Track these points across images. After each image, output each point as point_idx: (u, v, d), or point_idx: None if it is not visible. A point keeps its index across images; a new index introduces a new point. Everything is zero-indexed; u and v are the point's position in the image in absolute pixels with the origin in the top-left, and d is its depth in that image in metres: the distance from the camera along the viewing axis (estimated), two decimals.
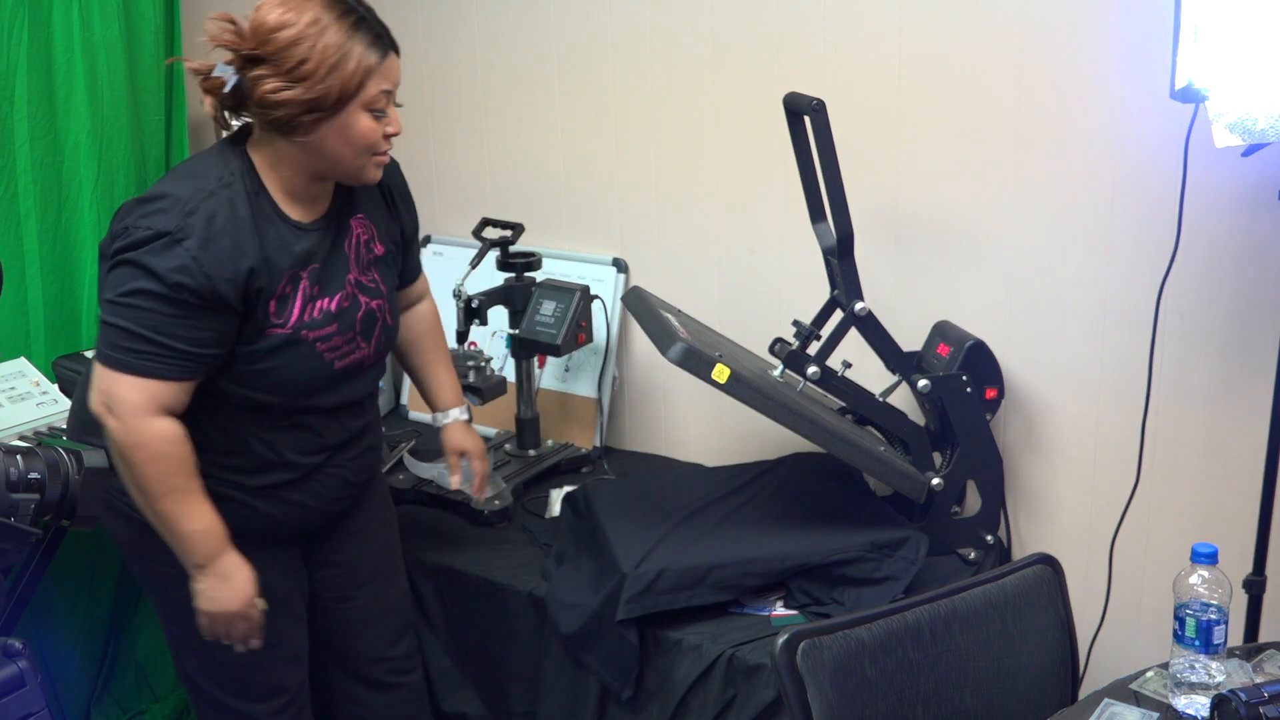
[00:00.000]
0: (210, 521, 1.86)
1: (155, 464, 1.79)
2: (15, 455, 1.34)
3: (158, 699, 2.79)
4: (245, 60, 1.76)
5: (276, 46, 1.74)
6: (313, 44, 1.74)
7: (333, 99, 1.77)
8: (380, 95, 1.82)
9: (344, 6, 1.79)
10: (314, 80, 1.75)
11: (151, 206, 1.75)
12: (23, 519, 1.32)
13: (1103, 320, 2.30)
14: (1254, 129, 1.78)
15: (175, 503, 1.81)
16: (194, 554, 1.86)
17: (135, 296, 1.73)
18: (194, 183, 1.78)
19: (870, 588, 2.10)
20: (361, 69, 1.78)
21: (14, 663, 1.28)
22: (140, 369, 1.76)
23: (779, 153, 2.36)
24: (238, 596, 1.89)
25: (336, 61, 1.76)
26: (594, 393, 2.85)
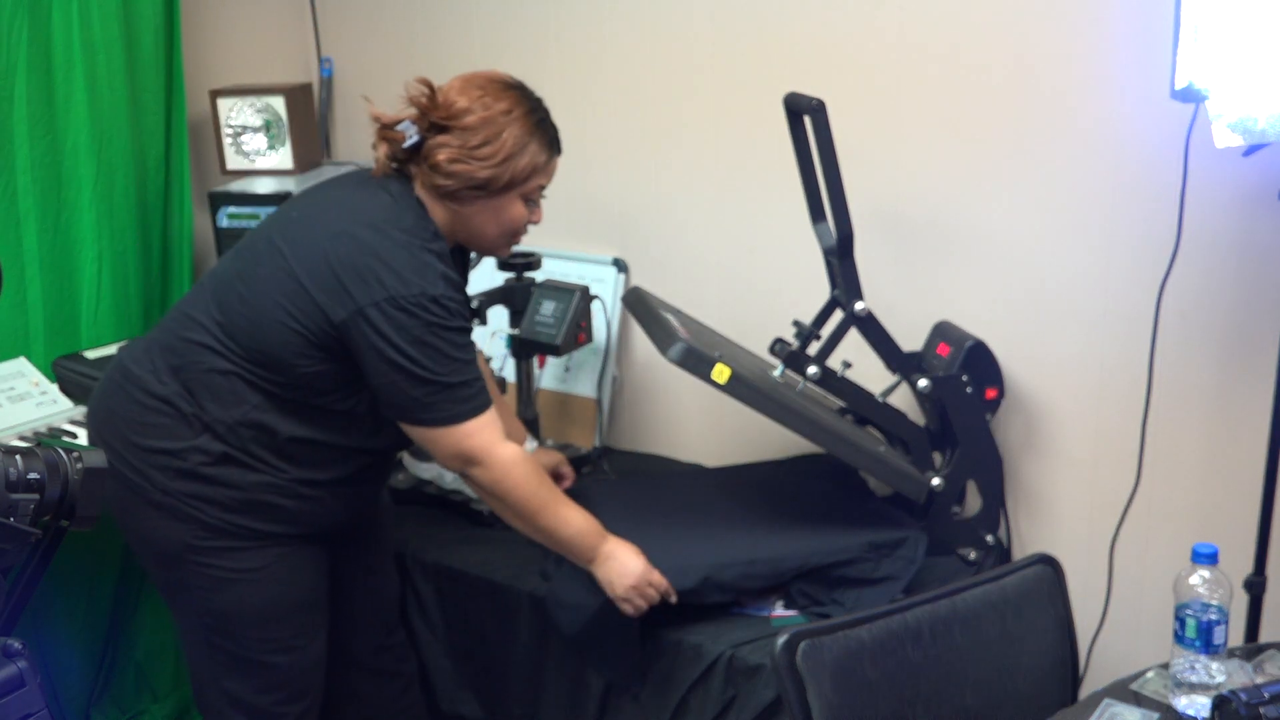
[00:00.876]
0: (583, 519, 2.04)
1: (526, 485, 1.97)
2: (15, 455, 1.34)
3: (157, 699, 2.79)
4: (431, 125, 1.90)
5: (465, 124, 1.88)
6: (499, 131, 1.89)
7: (500, 184, 1.91)
8: (538, 189, 1.98)
9: (532, 103, 1.95)
10: (490, 163, 1.89)
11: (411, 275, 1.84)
12: (22, 519, 1.32)
13: (1103, 320, 2.30)
14: (1254, 129, 1.78)
15: (553, 514, 2.01)
16: (582, 552, 2.05)
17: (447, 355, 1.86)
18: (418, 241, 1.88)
19: (870, 588, 2.10)
20: (532, 165, 1.93)
21: (14, 663, 1.28)
22: (478, 407, 1.91)
23: (779, 152, 2.36)
24: (631, 569, 2.03)
25: (514, 152, 1.90)
26: (594, 393, 2.85)
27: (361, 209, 1.91)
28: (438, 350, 1.85)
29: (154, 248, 2.82)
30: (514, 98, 1.92)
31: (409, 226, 1.88)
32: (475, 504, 2.54)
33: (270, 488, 1.94)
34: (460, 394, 1.88)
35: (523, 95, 1.95)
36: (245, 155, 2.89)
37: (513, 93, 1.93)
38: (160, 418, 1.92)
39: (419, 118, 1.90)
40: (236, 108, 2.86)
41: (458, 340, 1.88)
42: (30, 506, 1.33)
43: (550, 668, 2.28)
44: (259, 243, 1.97)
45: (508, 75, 1.98)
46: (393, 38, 3.07)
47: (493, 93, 1.91)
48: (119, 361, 2.04)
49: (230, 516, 1.93)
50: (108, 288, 2.67)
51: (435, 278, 1.85)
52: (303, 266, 1.87)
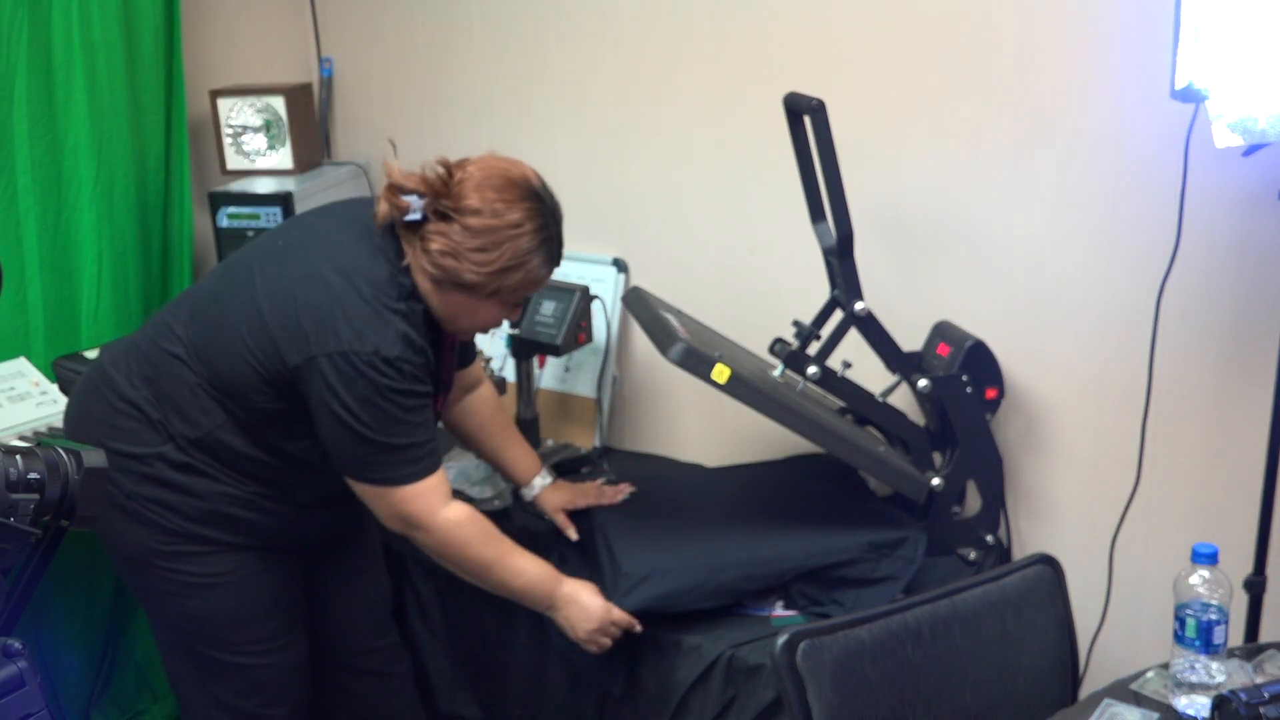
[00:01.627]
0: (536, 569, 2.01)
1: (472, 546, 1.94)
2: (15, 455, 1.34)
3: (157, 699, 2.79)
4: (439, 212, 1.82)
5: (468, 224, 1.80)
6: (501, 243, 1.81)
7: (486, 291, 1.85)
8: (522, 297, 1.92)
9: (544, 219, 1.85)
10: (480, 267, 1.82)
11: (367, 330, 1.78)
12: (22, 519, 1.32)
13: (1103, 320, 2.30)
14: (1254, 129, 1.78)
15: (502, 569, 1.98)
16: (538, 601, 2.03)
17: (390, 418, 1.81)
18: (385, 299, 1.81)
19: (869, 588, 2.10)
20: (523, 280, 1.86)
21: (14, 663, 1.28)
22: (426, 467, 1.87)
23: (779, 153, 2.36)
24: (593, 613, 2.02)
25: (508, 268, 1.83)
26: (594, 393, 2.85)
27: (341, 253, 1.85)
28: (383, 411, 1.80)
29: (154, 248, 2.82)
30: (528, 211, 1.83)
31: (381, 282, 1.81)
32: (475, 504, 2.53)
33: (233, 500, 1.93)
34: (404, 456, 1.84)
35: (539, 209, 1.85)
36: (245, 155, 2.89)
37: (529, 205, 1.84)
38: (129, 421, 1.92)
39: (429, 196, 1.82)
40: (236, 108, 2.86)
41: (407, 403, 1.81)
42: (30, 506, 1.33)
43: (550, 668, 2.28)
44: (242, 264, 1.94)
45: (535, 177, 1.88)
46: (393, 38, 3.07)
47: (509, 199, 1.82)
48: (99, 362, 2.05)
49: (191, 525, 1.93)
50: (108, 288, 2.67)
51: (394, 338, 1.78)
52: (269, 302, 1.83)
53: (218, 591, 1.96)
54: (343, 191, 2.98)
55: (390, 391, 1.79)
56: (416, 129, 3.11)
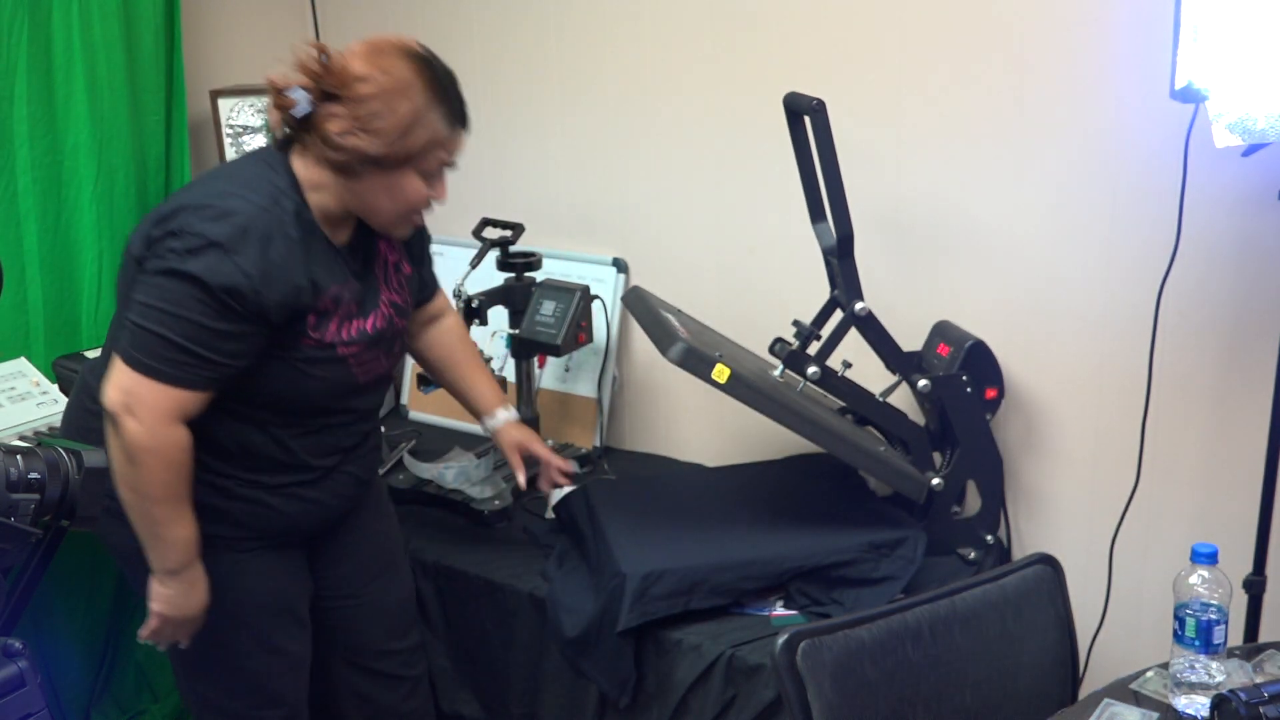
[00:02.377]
0: (193, 530, 1.86)
1: (167, 470, 1.79)
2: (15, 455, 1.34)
3: (158, 699, 2.79)
4: (323, 94, 1.76)
5: (357, 94, 1.74)
6: (393, 104, 1.75)
7: (394, 160, 1.78)
8: (439, 165, 1.85)
9: (432, 74, 1.80)
10: (380, 135, 1.75)
11: (203, 214, 1.72)
12: (23, 519, 1.32)
13: (1103, 320, 2.30)
14: (1254, 129, 1.78)
15: (171, 508, 1.81)
16: (170, 559, 1.85)
17: (177, 305, 1.71)
18: (247, 196, 1.76)
19: (869, 588, 2.10)
20: (431, 140, 1.79)
21: (14, 663, 1.28)
22: (174, 379, 1.75)
23: (779, 153, 2.36)
24: (196, 603, 1.89)
25: (409, 127, 1.76)
26: (594, 393, 2.85)
27: (225, 170, 1.84)
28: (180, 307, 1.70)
29: None
30: (415, 68, 1.77)
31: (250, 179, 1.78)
32: (475, 504, 2.54)
33: (211, 489, 1.89)
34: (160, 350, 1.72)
35: (426, 65, 1.79)
36: None
37: (414, 63, 1.78)
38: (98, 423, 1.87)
39: (311, 85, 1.75)
40: (237, 108, 2.86)
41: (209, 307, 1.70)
42: (31, 506, 1.33)
43: (550, 668, 2.28)
44: None
45: (416, 44, 1.82)
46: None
47: (392, 61, 1.76)
48: (81, 373, 2.03)
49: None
50: (108, 288, 2.68)
51: (229, 228, 1.69)
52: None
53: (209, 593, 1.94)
54: None
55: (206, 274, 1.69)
56: None
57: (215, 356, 1.75)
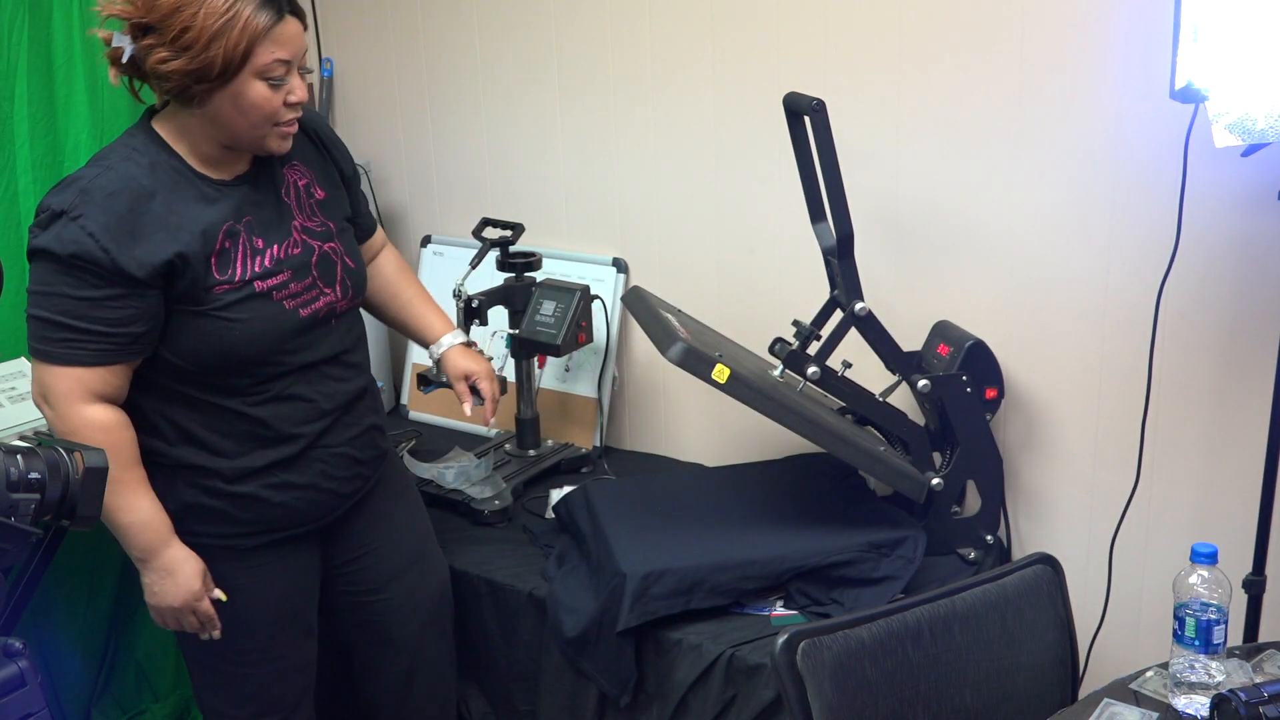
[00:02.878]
0: (149, 513, 1.82)
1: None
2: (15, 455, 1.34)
3: (158, 699, 2.79)
4: (136, 29, 1.71)
5: (161, 14, 1.68)
6: (195, 10, 1.67)
7: (218, 68, 1.70)
8: (275, 64, 1.74)
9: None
10: (197, 49, 1.68)
11: (52, 192, 1.74)
12: (23, 519, 1.32)
13: (1103, 320, 2.30)
14: (1254, 129, 1.78)
15: (111, 493, 1.71)
16: (133, 547, 1.83)
17: (43, 283, 1.72)
18: (94, 164, 1.76)
19: (869, 588, 2.11)
20: (247, 36, 1.69)
21: (14, 663, 1.28)
22: (63, 357, 1.74)
23: (779, 153, 2.37)
24: (181, 592, 1.86)
25: (220, 29, 1.68)
26: (594, 393, 2.85)
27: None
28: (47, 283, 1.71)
29: None
30: None
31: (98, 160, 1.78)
32: (475, 504, 2.54)
33: (199, 490, 1.87)
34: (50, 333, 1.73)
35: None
36: None
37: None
38: None
39: (128, 27, 1.71)
40: None
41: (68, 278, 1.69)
42: (31, 506, 1.33)
43: (550, 667, 2.28)
44: None
45: None
46: (393, 38, 3.07)
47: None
48: None
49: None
50: None
51: (73, 194, 1.70)
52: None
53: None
54: None
55: (51, 242, 1.69)
56: (416, 129, 3.11)
57: (97, 327, 1.73)
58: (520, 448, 2.79)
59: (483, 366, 2.21)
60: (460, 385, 2.19)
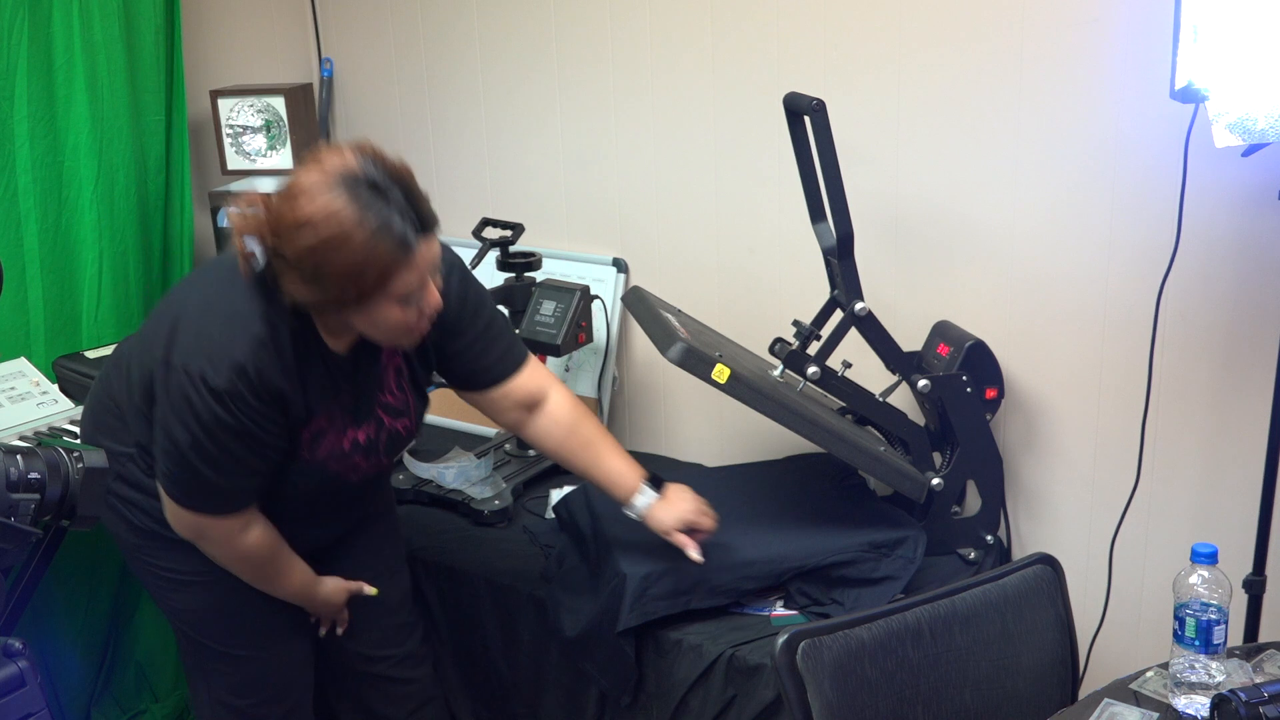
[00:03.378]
0: (301, 577, 1.99)
1: (258, 569, 1.92)
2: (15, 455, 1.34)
3: (158, 699, 2.79)
4: (272, 247, 1.68)
5: (297, 249, 1.64)
6: (334, 254, 1.63)
7: (351, 300, 1.69)
8: (410, 288, 1.71)
9: (375, 196, 1.64)
10: (330, 284, 1.66)
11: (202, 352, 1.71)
12: (23, 519, 1.32)
13: (1103, 320, 2.30)
14: (1254, 129, 1.78)
15: (275, 581, 1.96)
16: (296, 600, 2.02)
17: (197, 449, 1.74)
18: (240, 327, 1.72)
19: (868, 588, 2.10)
20: (382, 273, 1.66)
21: (14, 663, 1.28)
22: (225, 509, 1.83)
23: (779, 152, 2.37)
24: (334, 598, 2.07)
25: (357, 270, 1.65)
26: (594, 393, 2.85)
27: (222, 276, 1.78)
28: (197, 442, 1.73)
29: (154, 248, 2.82)
30: (356, 199, 1.63)
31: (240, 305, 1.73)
32: (475, 504, 2.54)
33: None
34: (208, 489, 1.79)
35: (369, 189, 1.64)
36: (246, 155, 2.89)
37: (355, 192, 1.63)
38: (110, 418, 1.92)
39: (261, 238, 1.69)
40: (237, 108, 2.86)
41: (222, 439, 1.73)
42: (31, 506, 1.33)
43: (550, 668, 2.28)
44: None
45: (361, 152, 1.67)
46: (393, 38, 3.07)
47: (330, 198, 1.62)
48: (118, 348, 2.04)
49: (155, 525, 1.91)
50: (108, 288, 2.68)
51: (226, 369, 1.70)
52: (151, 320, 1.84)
53: (197, 590, 1.95)
54: None
55: (207, 417, 1.71)
56: (416, 129, 3.11)
57: (249, 479, 1.81)
58: (520, 448, 2.79)
59: (690, 509, 2.07)
60: (678, 538, 2.06)
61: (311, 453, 1.86)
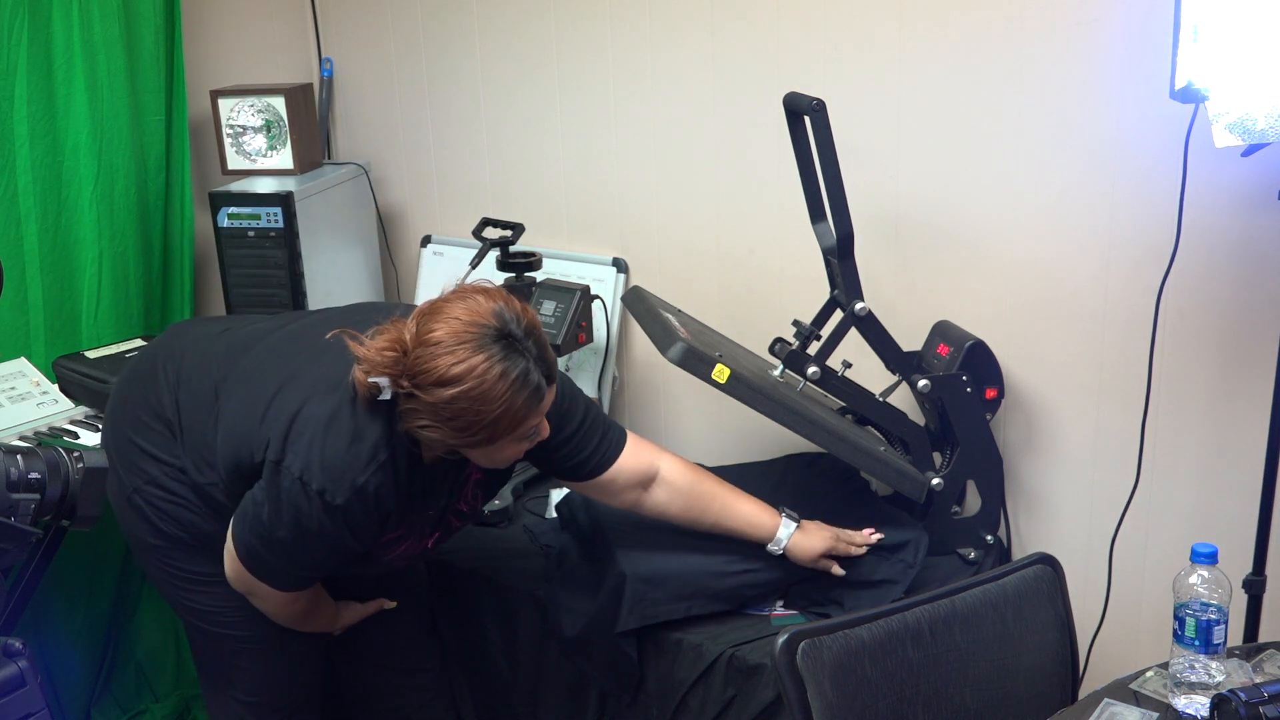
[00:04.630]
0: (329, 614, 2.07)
1: (294, 619, 2.00)
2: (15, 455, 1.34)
3: (158, 699, 2.79)
4: (405, 388, 1.70)
5: (435, 400, 1.67)
6: (478, 408, 1.67)
7: (482, 441, 1.74)
8: (534, 429, 1.79)
9: (516, 354, 1.69)
10: (462, 427, 1.70)
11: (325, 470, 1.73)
12: (23, 519, 1.32)
13: (1103, 320, 2.30)
14: (1254, 129, 1.78)
15: (305, 623, 2.02)
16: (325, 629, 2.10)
17: (290, 547, 1.80)
18: (366, 450, 1.75)
19: (868, 591, 2.10)
20: (515, 421, 1.72)
21: (14, 663, 1.28)
22: (292, 588, 1.91)
23: (779, 152, 2.36)
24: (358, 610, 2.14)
25: (496, 421, 1.70)
26: (594, 393, 2.85)
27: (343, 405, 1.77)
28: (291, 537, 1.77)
29: (154, 248, 2.82)
30: (502, 357, 1.67)
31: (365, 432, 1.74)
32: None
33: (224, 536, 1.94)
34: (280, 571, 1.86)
35: (511, 346, 1.69)
36: (246, 155, 2.89)
37: (500, 349, 1.68)
38: (159, 426, 1.94)
39: (392, 377, 1.70)
40: (237, 108, 2.86)
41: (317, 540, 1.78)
42: (31, 506, 1.33)
43: (551, 667, 2.28)
44: (270, 341, 1.93)
45: (504, 310, 1.71)
46: (393, 38, 3.07)
47: (478, 357, 1.66)
48: (162, 344, 2.05)
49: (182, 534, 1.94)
50: (108, 288, 2.68)
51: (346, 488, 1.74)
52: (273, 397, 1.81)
53: (223, 588, 1.96)
54: (343, 191, 2.99)
55: (311, 524, 1.76)
56: (416, 129, 3.11)
57: (330, 568, 1.91)
58: None
59: (828, 537, 2.11)
60: (824, 563, 2.11)
61: (385, 554, 1.92)
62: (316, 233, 2.81)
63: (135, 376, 2.04)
